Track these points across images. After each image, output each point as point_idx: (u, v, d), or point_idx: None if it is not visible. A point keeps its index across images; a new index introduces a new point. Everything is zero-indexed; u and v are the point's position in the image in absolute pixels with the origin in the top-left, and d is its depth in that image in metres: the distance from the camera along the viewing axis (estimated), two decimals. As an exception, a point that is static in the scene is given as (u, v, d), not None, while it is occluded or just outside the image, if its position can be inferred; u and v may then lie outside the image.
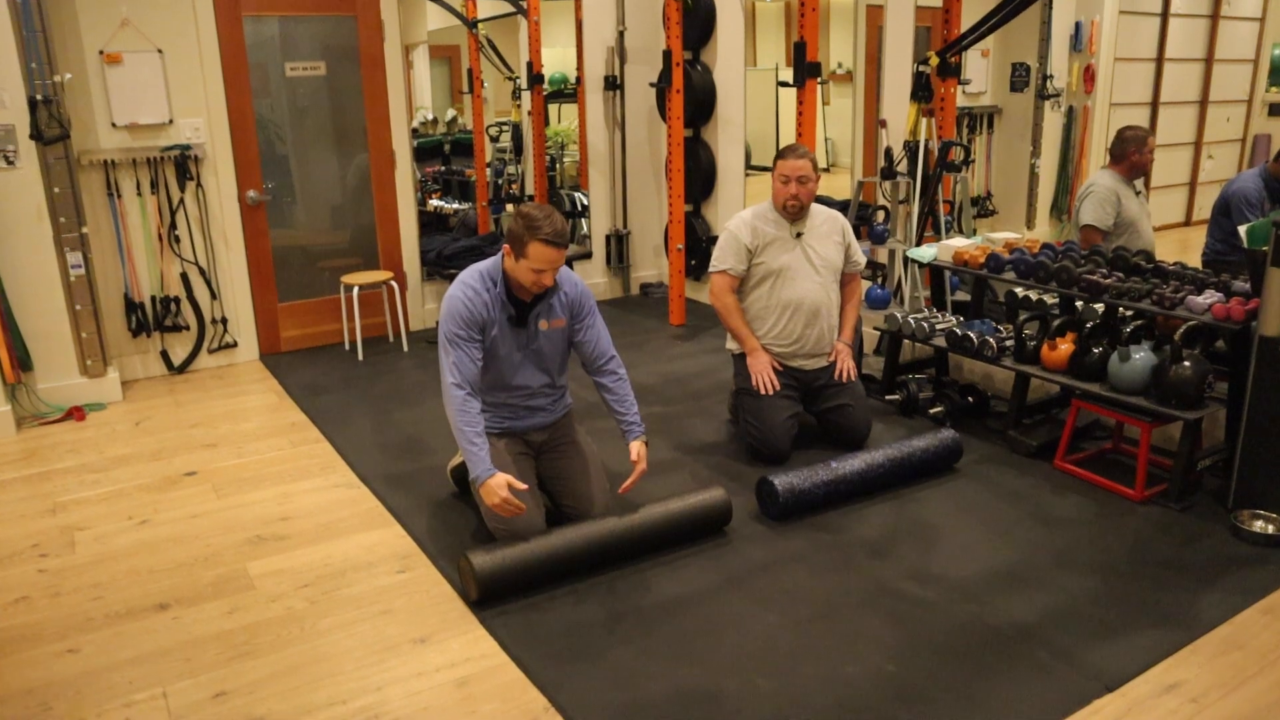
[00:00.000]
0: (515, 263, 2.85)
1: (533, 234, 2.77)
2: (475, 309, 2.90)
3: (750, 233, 3.71)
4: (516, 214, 2.83)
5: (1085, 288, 3.68)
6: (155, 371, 4.98)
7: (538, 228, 2.77)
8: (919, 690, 2.41)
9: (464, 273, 2.98)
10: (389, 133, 5.34)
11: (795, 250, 3.72)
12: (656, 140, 6.29)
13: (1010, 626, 2.67)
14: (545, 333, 3.05)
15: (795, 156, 3.65)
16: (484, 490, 2.79)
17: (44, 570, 3.07)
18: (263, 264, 5.15)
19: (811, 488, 3.30)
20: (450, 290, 2.94)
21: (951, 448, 3.64)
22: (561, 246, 2.81)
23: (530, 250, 2.79)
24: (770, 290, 3.74)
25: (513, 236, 2.83)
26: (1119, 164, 4.33)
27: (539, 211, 2.81)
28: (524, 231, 2.79)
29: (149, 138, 4.69)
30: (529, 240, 2.78)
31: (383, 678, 2.50)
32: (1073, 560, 3.01)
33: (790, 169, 3.63)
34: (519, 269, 2.85)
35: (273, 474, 3.76)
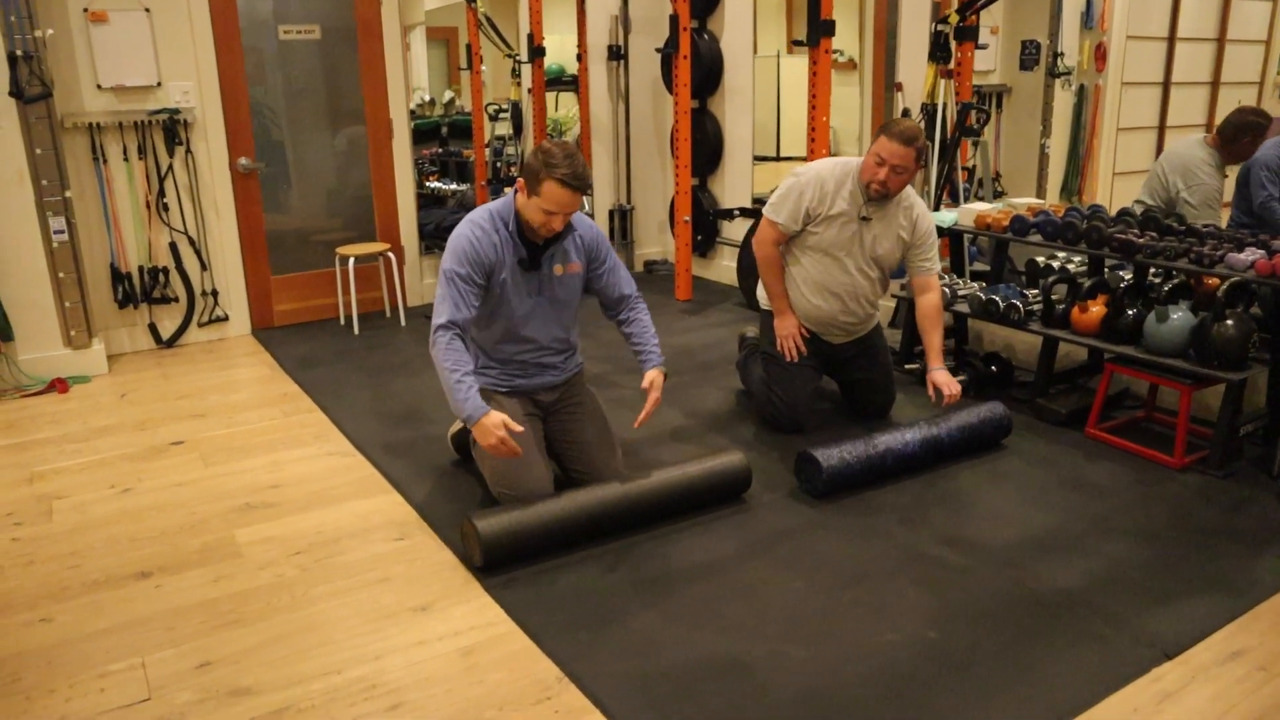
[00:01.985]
0: (527, 199, 2.67)
1: (549, 171, 2.58)
2: (481, 249, 2.72)
3: (819, 196, 3.30)
4: (537, 149, 2.64)
5: (1117, 248, 3.50)
6: (143, 345, 4.78)
7: (555, 165, 2.58)
8: (965, 658, 2.22)
9: (473, 211, 2.81)
10: (386, 100, 5.15)
11: (855, 232, 3.34)
12: (661, 113, 6.11)
13: (1055, 593, 2.49)
14: (560, 278, 2.88)
15: (901, 141, 3.14)
16: (478, 430, 2.61)
17: (17, 539, 2.88)
18: (255, 235, 4.95)
19: (858, 467, 3.04)
20: (457, 228, 2.77)
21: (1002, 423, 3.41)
22: (578, 190, 2.62)
23: (544, 188, 2.60)
24: (814, 264, 3.41)
25: (528, 171, 2.64)
26: (1228, 145, 3.97)
27: (559, 149, 2.61)
28: (540, 167, 2.60)
29: (136, 100, 4.50)
30: (544, 177, 2.59)
31: (380, 647, 2.31)
32: (1114, 526, 2.83)
33: (889, 152, 3.15)
34: (529, 206, 2.67)
35: (263, 443, 3.57)
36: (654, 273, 6.23)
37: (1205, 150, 4.04)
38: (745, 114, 5.59)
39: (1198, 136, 4.09)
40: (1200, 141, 4.07)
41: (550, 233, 2.72)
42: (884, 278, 3.52)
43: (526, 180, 2.66)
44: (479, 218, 2.78)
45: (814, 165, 3.42)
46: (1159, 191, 4.14)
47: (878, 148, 3.19)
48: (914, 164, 3.20)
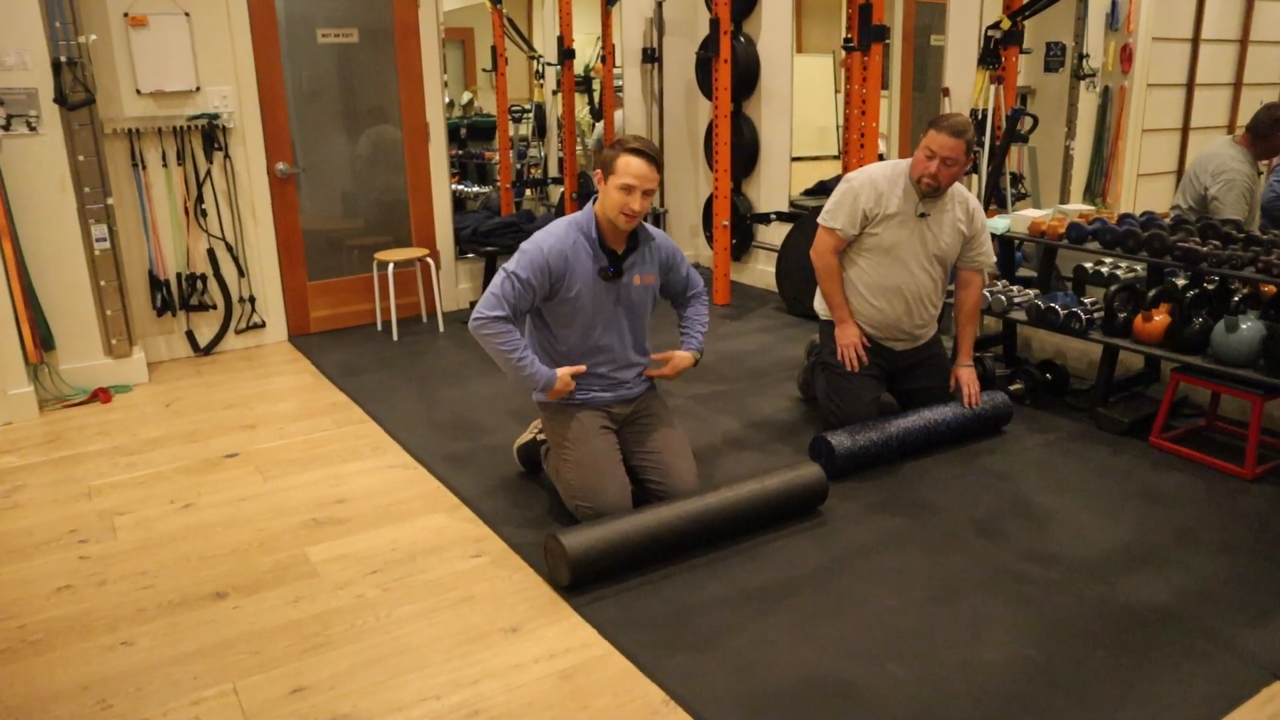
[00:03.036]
0: (604, 186, 2.73)
1: (621, 145, 2.70)
2: (553, 258, 2.75)
3: (874, 197, 3.30)
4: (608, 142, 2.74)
5: (1180, 256, 3.48)
6: (180, 352, 4.72)
7: (626, 141, 2.72)
8: (1069, 678, 2.20)
9: (552, 221, 2.86)
10: (423, 104, 5.10)
11: (914, 230, 3.33)
12: (694, 116, 6.07)
13: (1148, 609, 2.46)
14: (637, 288, 2.87)
15: (950, 133, 3.14)
16: (559, 388, 2.82)
17: (85, 557, 2.83)
18: (292, 240, 4.90)
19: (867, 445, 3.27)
20: (534, 235, 2.80)
21: (1002, 411, 3.59)
22: (651, 160, 2.70)
23: (619, 164, 2.68)
24: (874, 266, 3.39)
25: (602, 162, 2.74)
26: (1258, 142, 3.96)
27: (633, 137, 2.76)
28: (613, 147, 2.72)
29: (175, 106, 4.44)
30: (618, 154, 2.69)
31: (476, 670, 2.27)
32: (1195, 539, 2.81)
33: (939, 145, 3.16)
34: (608, 194, 2.72)
35: (320, 455, 3.52)
36: (686, 276, 6.19)
37: (1234, 149, 4.05)
38: (783, 117, 5.55)
39: (1228, 137, 4.11)
40: (1229, 140, 4.09)
41: (630, 215, 2.71)
42: (945, 277, 3.50)
43: (603, 168, 2.73)
44: (556, 227, 2.80)
45: (865, 169, 3.43)
46: (1191, 195, 4.14)
47: (927, 141, 3.21)
48: (964, 156, 3.21)
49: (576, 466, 2.80)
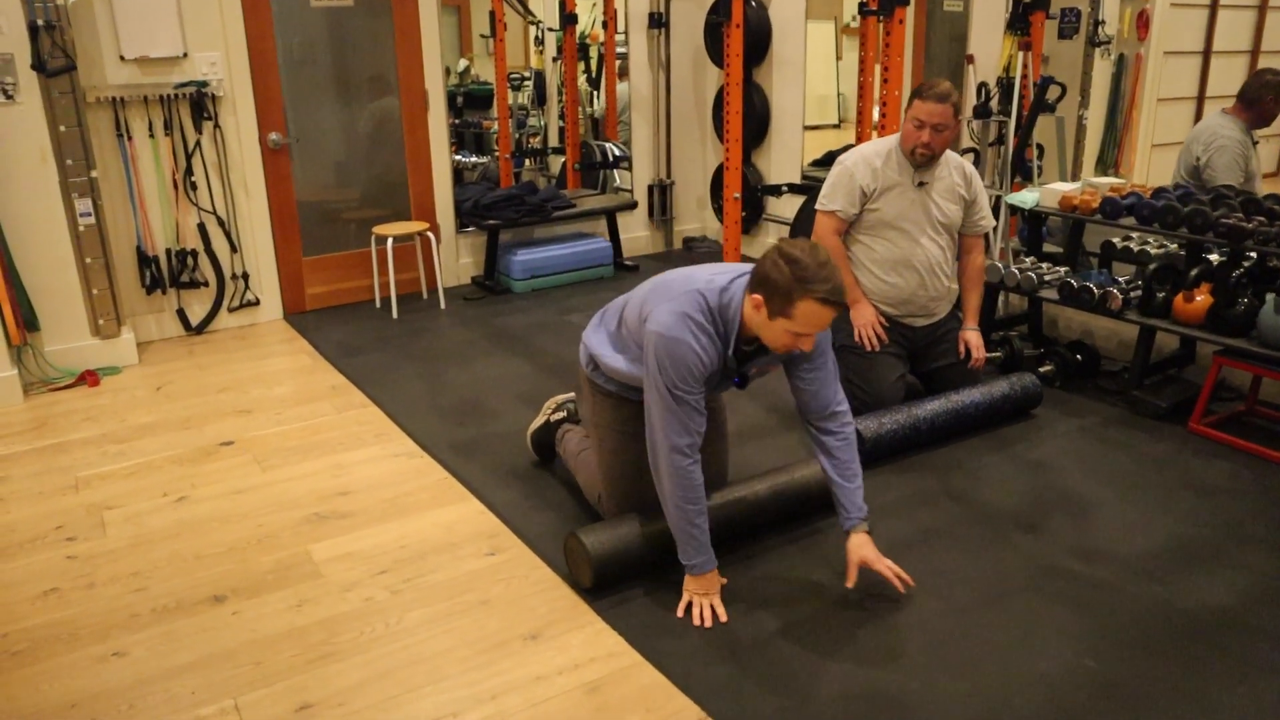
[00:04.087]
0: (768, 320, 2.12)
1: (805, 289, 2.03)
2: (708, 363, 2.21)
3: (869, 173, 3.25)
4: (780, 257, 2.07)
5: (1224, 233, 3.30)
6: (171, 332, 4.52)
7: (810, 281, 2.03)
8: (1131, 690, 2.05)
9: (684, 306, 2.19)
10: (421, 70, 4.87)
11: (915, 200, 3.27)
12: (702, 83, 5.84)
13: (1209, 612, 2.32)
14: (754, 375, 2.47)
15: (934, 99, 3.09)
16: (697, 582, 2.32)
17: (73, 556, 2.66)
18: (286, 214, 4.69)
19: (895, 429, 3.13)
20: (673, 329, 2.17)
21: (1032, 393, 3.45)
22: (839, 306, 2.09)
23: (798, 310, 2.06)
24: (882, 242, 3.31)
25: (770, 286, 2.08)
26: (1249, 110, 3.87)
27: (811, 257, 2.05)
28: (792, 285, 2.05)
29: (161, 73, 4.20)
30: (799, 297, 2.05)
31: (496, 683, 2.11)
32: (1250, 535, 2.67)
33: (926, 113, 3.11)
34: (770, 327, 2.14)
35: (321, 443, 3.35)
36: (694, 250, 6.00)
37: (1225, 118, 3.96)
38: (795, 85, 5.34)
39: (1220, 109, 4.02)
40: (1220, 112, 4.02)
41: (791, 351, 2.24)
42: (953, 245, 3.43)
43: (768, 297, 2.10)
44: (697, 324, 2.19)
45: (855, 149, 3.38)
46: (1185, 168, 4.05)
47: (914, 112, 3.17)
48: (953, 119, 3.17)
49: (619, 462, 2.55)
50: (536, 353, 4.20)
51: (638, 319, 2.32)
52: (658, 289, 2.32)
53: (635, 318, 2.34)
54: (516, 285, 5.15)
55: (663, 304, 2.22)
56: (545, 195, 5.23)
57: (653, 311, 2.23)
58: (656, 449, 2.25)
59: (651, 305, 2.26)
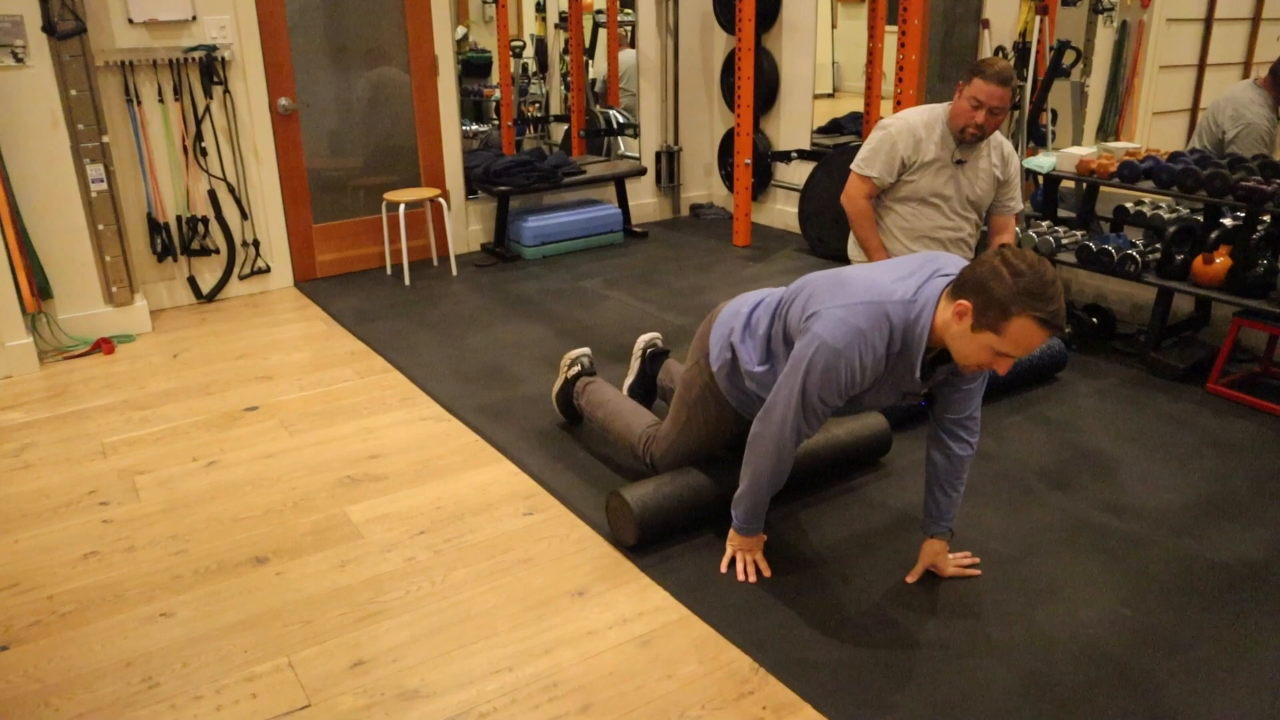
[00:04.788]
0: (970, 331, 1.89)
1: (1026, 305, 1.80)
2: (865, 377, 2.01)
3: (912, 144, 3.17)
4: (1003, 264, 1.83)
5: (1243, 196, 3.33)
6: (182, 300, 4.49)
7: (1036, 298, 1.80)
8: (1170, 639, 2.10)
9: (861, 320, 1.96)
10: (431, 35, 4.82)
11: (950, 176, 3.21)
12: (710, 49, 5.81)
13: (1241, 564, 2.37)
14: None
15: (997, 81, 3.00)
16: (743, 540, 2.32)
17: (109, 520, 2.66)
18: (296, 181, 4.65)
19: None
20: (840, 336, 1.97)
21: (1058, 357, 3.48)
22: (1057, 332, 1.87)
23: (1012, 327, 1.82)
24: (912, 213, 3.27)
25: (986, 294, 1.84)
26: (1278, 87, 3.85)
27: (1038, 273, 1.81)
28: (1013, 298, 1.81)
29: (170, 36, 4.14)
30: (1017, 312, 1.81)
31: (548, 639, 2.14)
32: (1271, 490, 2.72)
33: (986, 94, 3.01)
34: (970, 340, 1.89)
35: (346, 407, 3.35)
36: (701, 217, 5.99)
37: (1255, 91, 3.95)
38: (805, 51, 5.32)
39: (1248, 80, 3.99)
40: (1251, 83, 3.99)
41: (985, 370, 2.03)
42: (980, 221, 3.40)
43: (980, 306, 1.86)
44: (873, 332, 1.96)
45: (901, 115, 3.29)
46: (1209, 137, 4.04)
47: (974, 91, 3.07)
48: (1009, 103, 3.12)
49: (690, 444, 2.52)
50: (554, 318, 4.20)
51: (800, 316, 2.10)
52: (833, 288, 2.05)
53: (799, 315, 2.11)
54: (527, 252, 5.13)
55: (836, 308, 1.99)
56: (555, 161, 5.20)
57: (822, 311, 2.01)
58: (766, 435, 2.13)
59: (822, 304, 2.03)
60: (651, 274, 4.84)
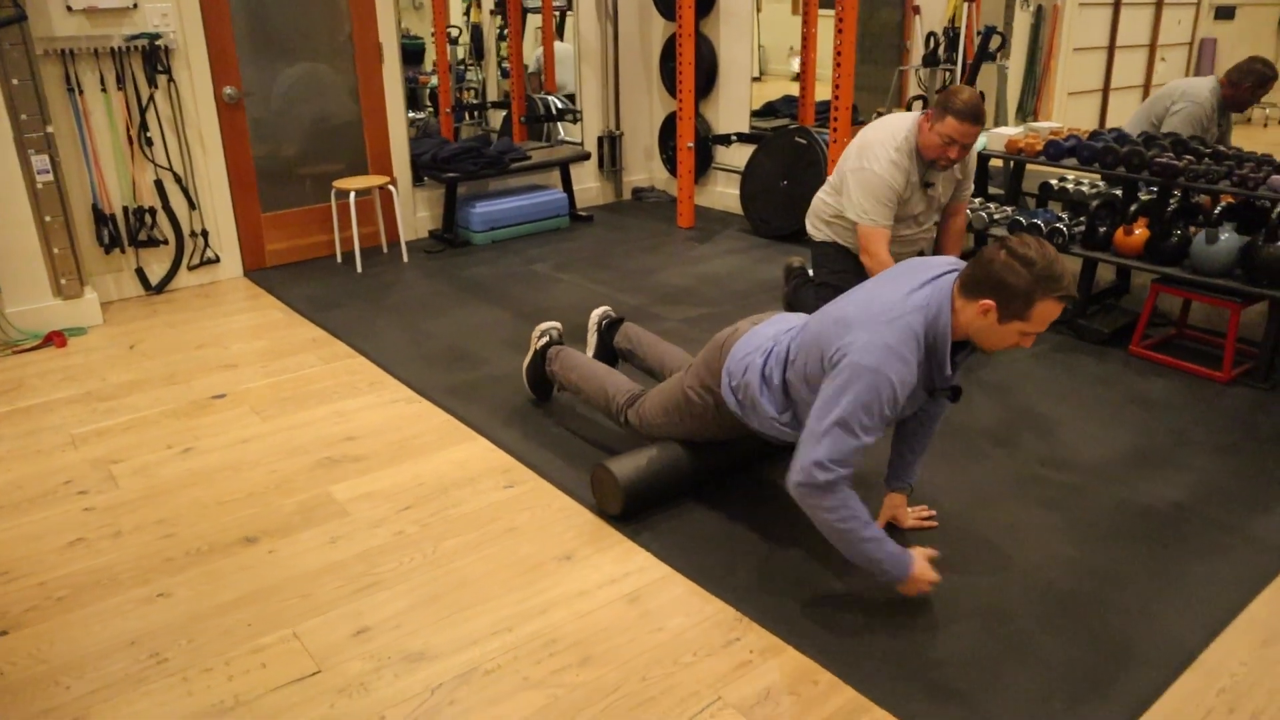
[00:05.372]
0: (997, 324, 2.00)
1: (1045, 289, 1.93)
2: (904, 391, 2.05)
3: (902, 179, 3.24)
4: (1013, 258, 1.95)
5: (1158, 171, 3.59)
6: (130, 292, 4.45)
7: (1052, 280, 1.93)
8: (1111, 572, 2.32)
9: (892, 339, 2.02)
10: (375, 22, 4.83)
11: (922, 197, 3.37)
12: (648, 35, 5.92)
13: (1167, 506, 2.61)
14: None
15: (974, 121, 3.07)
16: (909, 580, 2.13)
17: (90, 508, 2.68)
18: (243, 170, 4.63)
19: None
20: (875, 358, 2.01)
21: None
22: (1072, 299, 2.03)
23: (1036, 311, 1.96)
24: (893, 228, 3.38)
25: (1006, 290, 1.95)
26: (1231, 89, 4.10)
27: (1043, 255, 1.95)
28: (1033, 286, 1.93)
29: (111, 24, 4.09)
30: (1039, 298, 1.94)
31: (541, 600, 2.26)
32: (1190, 440, 2.97)
33: (960, 133, 3.08)
34: (999, 331, 2.01)
35: (315, 392, 3.39)
36: (643, 200, 6.12)
37: (1209, 85, 4.18)
38: (743, 36, 5.47)
39: (1212, 76, 4.24)
40: (1212, 78, 4.21)
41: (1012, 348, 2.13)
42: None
43: (1003, 302, 1.97)
44: (904, 347, 2.02)
45: (878, 150, 3.25)
46: (1155, 114, 4.27)
47: (947, 129, 3.11)
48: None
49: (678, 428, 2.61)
50: (511, 301, 4.29)
51: (824, 361, 2.12)
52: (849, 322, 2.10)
53: (820, 361, 2.15)
54: (476, 237, 5.19)
55: (863, 332, 2.05)
56: (502, 148, 5.26)
57: (849, 344, 2.05)
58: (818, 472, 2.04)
59: (845, 340, 2.07)
60: (601, 257, 4.95)
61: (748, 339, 2.44)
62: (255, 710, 1.94)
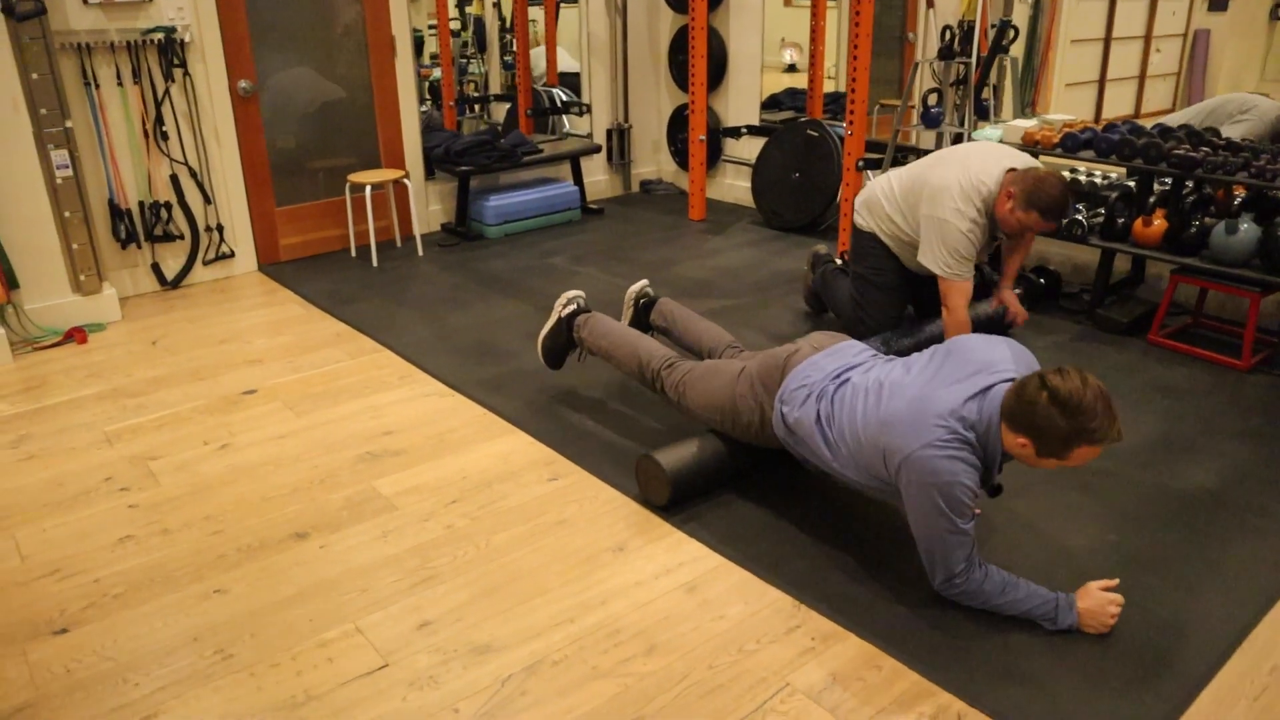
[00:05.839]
0: (1035, 456, 2.01)
1: (1086, 435, 1.92)
2: (977, 480, 2.10)
3: (982, 237, 3.22)
4: (1053, 405, 1.92)
5: (1176, 163, 3.65)
6: (146, 287, 4.42)
7: (1093, 431, 1.92)
8: (1152, 558, 2.37)
9: (948, 444, 2.04)
10: (388, 15, 4.81)
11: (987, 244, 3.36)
12: (656, 27, 5.93)
13: (1200, 492, 2.66)
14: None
15: (1055, 219, 3.11)
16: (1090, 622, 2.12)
17: (135, 505, 2.68)
18: (258, 164, 4.61)
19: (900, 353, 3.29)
20: (936, 470, 2.04)
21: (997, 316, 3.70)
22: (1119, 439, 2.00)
23: (1074, 455, 1.96)
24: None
25: (1044, 435, 1.95)
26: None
27: (1086, 398, 1.91)
28: (1071, 435, 1.92)
29: (127, 18, 4.06)
30: (1078, 444, 1.94)
31: (599, 591, 2.28)
32: (1218, 427, 3.03)
33: (1040, 227, 3.14)
34: (1039, 463, 2.04)
35: (346, 387, 3.40)
36: (652, 193, 6.13)
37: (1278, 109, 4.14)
38: (753, 28, 5.49)
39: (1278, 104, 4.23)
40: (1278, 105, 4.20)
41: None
42: None
43: (1040, 443, 1.97)
44: (959, 451, 2.04)
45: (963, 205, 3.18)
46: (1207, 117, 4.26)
47: (1030, 221, 3.11)
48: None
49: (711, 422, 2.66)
50: (531, 294, 4.30)
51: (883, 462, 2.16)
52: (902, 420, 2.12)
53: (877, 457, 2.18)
54: (489, 231, 5.19)
55: (920, 449, 2.05)
56: (514, 141, 5.26)
57: (908, 458, 2.07)
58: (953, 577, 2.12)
59: (901, 449, 2.09)
60: (616, 249, 4.97)
61: (805, 368, 2.45)
62: (328, 704, 1.95)
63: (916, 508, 2.10)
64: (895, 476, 2.13)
